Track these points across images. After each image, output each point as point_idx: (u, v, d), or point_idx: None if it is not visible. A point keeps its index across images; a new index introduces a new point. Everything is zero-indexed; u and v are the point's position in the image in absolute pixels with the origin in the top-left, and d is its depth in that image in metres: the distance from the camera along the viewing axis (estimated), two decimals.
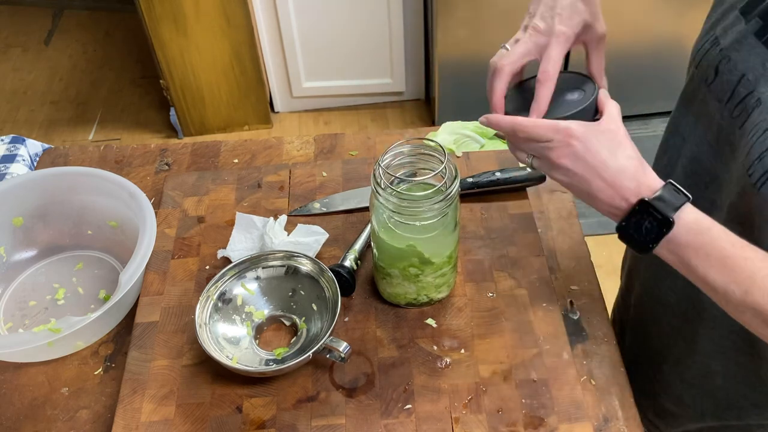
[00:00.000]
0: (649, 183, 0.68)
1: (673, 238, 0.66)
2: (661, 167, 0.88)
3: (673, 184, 0.68)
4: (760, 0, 0.68)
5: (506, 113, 0.76)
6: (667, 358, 0.93)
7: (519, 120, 0.72)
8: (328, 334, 0.83)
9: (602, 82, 0.78)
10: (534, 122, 0.71)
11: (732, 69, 0.71)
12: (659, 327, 0.93)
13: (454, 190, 0.81)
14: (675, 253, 0.67)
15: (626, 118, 2.57)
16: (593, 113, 0.75)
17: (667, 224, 0.66)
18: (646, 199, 0.67)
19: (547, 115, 0.74)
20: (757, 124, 0.67)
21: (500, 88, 0.75)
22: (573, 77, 0.79)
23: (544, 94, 0.73)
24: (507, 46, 0.76)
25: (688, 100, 0.81)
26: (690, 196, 0.67)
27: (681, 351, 0.89)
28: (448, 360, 0.86)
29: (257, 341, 0.90)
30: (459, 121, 1.20)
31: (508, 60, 0.75)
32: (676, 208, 0.66)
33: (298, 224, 1.00)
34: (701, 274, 0.65)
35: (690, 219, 0.66)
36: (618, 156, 0.69)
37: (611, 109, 0.73)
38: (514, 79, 0.78)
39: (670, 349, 0.92)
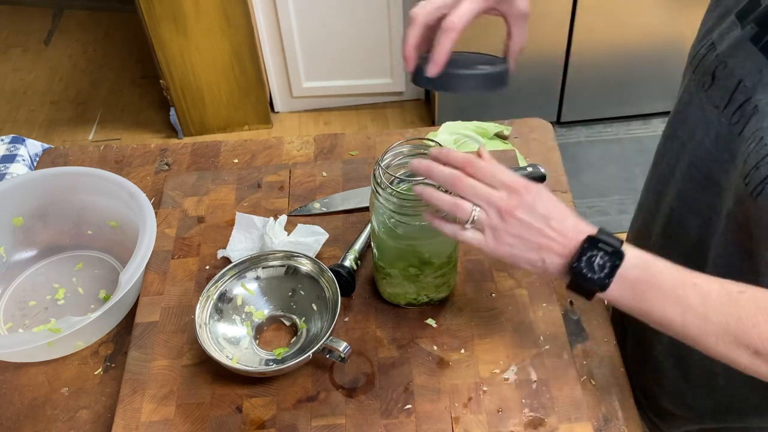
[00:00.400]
0: (586, 228, 0.69)
1: (625, 274, 0.66)
2: (660, 172, 0.88)
3: (604, 230, 0.69)
4: (755, 5, 0.68)
5: (417, 67, 0.74)
6: (667, 359, 0.93)
7: (477, 159, 0.71)
8: (328, 334, 0.83)
9: (513, 63, 0.76)
10: (492, 164, 0.71)
11: (729, 75, 0.70)
12: None
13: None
14: (629, 290, 0.67)
15: (626, 118, 2.58)
16: (500, 83, 0.74)
17: (618, 255, 0.66)
18: (594, 235, 0.67)
19: (453, 73, 0.73)
20: (754, 132, 0.67)
21: (413, 37, 0.72)
22: (486, 56, 0.78)
23: (444, 43, 0.70)
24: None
25: (685, 105, 0.81)
26: (622, 240, 0.68)
27: (682, 352, 0.89)
28: (448, 360, 0.86)
29: (257, 341, 0.90)
30: (459, 121, 1.20)
31: (423, 11, 0.72)
32: (621, 242, 0.67)
33: (298, 224, 1.00)
34: (658, 310, 0.66)
35: (634, 254, 0.66)
36: (561, 209, 0.69)
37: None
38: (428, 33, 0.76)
39: (670, 349, 0.92)
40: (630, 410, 0.84)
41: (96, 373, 0.91)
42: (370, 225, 0.89)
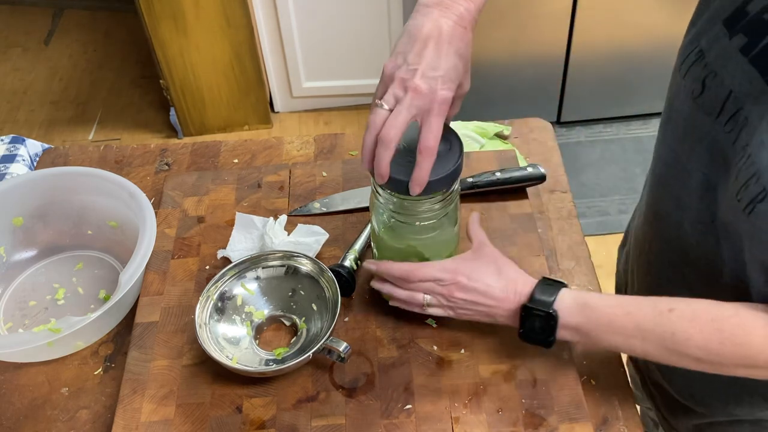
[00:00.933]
0: (525, 289, 0.78)
1: (565, 324, 0.76)
2: (657, 177, 0.87)
3: (545, 279, 0.79)
4: (743, 13, 0.67)
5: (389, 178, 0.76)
6: None
7: (411, 266, 0.82)
8: (328, 334, 0.83)
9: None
10: (423, 265, 0.81)
11: (719, 84, 0.70)
12: None
13: (454, 190, 0.81)
14: (574, 334, 0.77)
15: (626, 118, 2.58)
16: (456, 176, 0.78)
17: (551, 317, 0.76)
18: (527, 305, 0.77)
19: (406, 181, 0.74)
20: (744, 146, 0.66)
21: (387, 159, 0.72)
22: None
23: (425, 167, 0.72)
24: (384, 104, 0.71)
25: (676, 111, 0.80)
26: (564, 282, 0.78)
27: None
28: (448, 360, 0.86)
29: (257, 341, 0.90)
30: (459, 121, 1.20)
31: (394, 131, 0.70)
32: (553, 300, 0.76)
33: (299, 224, 1.00)
34: (604, 343, 0.76)
35: (568, 303, 0.76)
36: (497, 276, 0.80)
37: (480, 237, 0.85)
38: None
39: None
40: (630, 410, 0.84)
41: (96, 373, 0.91)
42: (370, 225, 0.89)
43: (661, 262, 0.89)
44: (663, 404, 0.98)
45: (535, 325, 0.77)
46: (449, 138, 0.79)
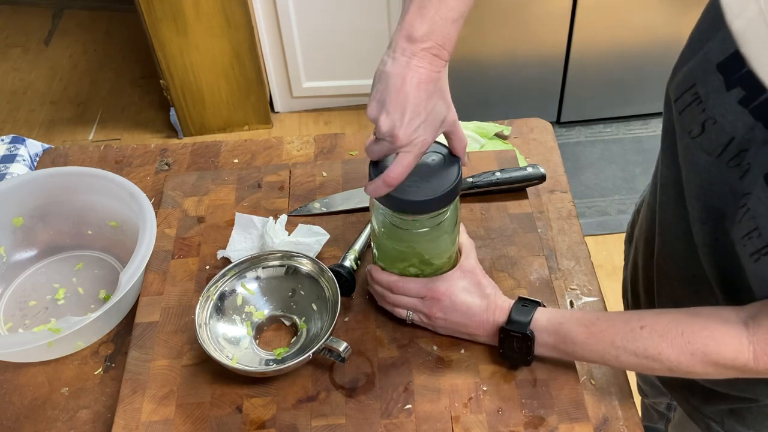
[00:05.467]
0: (501, 309, 0.83)
1: (542, 343, 0.80)
2: (662, 191, 0.86)
3: (521, 299, 0.82)
4: (740, 63, 0.65)
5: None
6: None
7: (396, 279, 0.85)
8: (328, 334, 0.83)
9: (464, 159, 0.80)
10: (407, 281, 0.85)
11: (720, 130, 0.69)
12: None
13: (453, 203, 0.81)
14: (552, 352, 0.81)
15: (626, 118, 2.58)
16: (460, 185, 0.79)
17: (527, 338, 0.80)
18: (504, 326, 0.81)
19: (422, 197, 0.76)
20: (745, 194, 0.66)
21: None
22: (434, 144, 0.80)
23: (382, 190, 0.75)
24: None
25: (670, 142, 0.80)
26: (539, 301, 0.82)
27: None
28: (448, 360, 0.86)
29: (257, 341, 0.90)
30: (459, 121, 1.20)
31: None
32: (529, 321, 0.80)
33: (299, 224, 1.00)
34: (580, 357, 0.79)
35: (543, 324, 0.80)
36: (477, 298, 0.84)
37: (467, 248, 0.88)
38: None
39: None
40: (630, 410, 0.84)
41: (96, 373, 0.91)
42: (370, 225, 0.89)
43: (665, 272, 0.89)
44: (695, 394, 0.96)
45: (513, 345, 0.82)
46: (439, 151, 0.80)
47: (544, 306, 0.84)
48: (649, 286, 0.97)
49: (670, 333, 0.72)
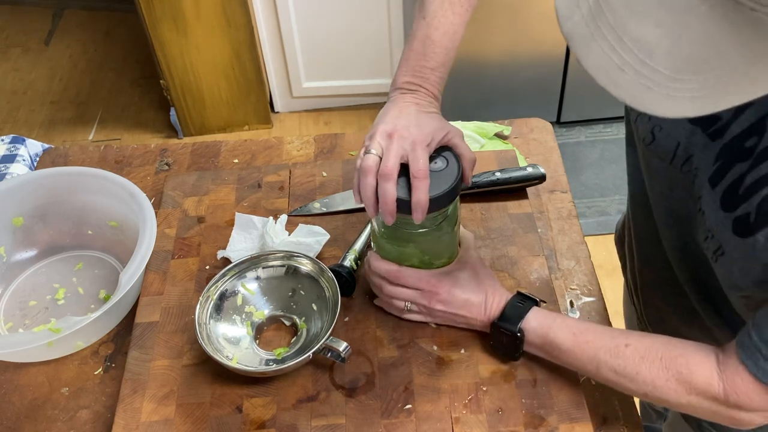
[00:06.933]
0: (497, 304, 0.83)
1: (530, 342, 0.81)
2: (632, 198, 0.89)
3: (519, 295, 0.83)
4: None
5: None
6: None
7: (396, 269, 0.85)
8: (328, 334, 0.83)
9: (468, 177, 0.81)
10: (407, 271, 0.85)
11: (667, 135, 0.72)
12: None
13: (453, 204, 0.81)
14: (538, 352, 0.82)
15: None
16: (460, 184, 0.79)
17: (516, 337, 0.81)
18: (495, 321, 0.82)
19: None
20: (698, 197, 0.69)
21: (392, 192, 0.75)
22: (438, 160, 0.81)
23: (422, 189, 0.75)
24: (372, 149, 0.76)
25: (633, 146, 0.83)
26: (536, 299, 0.83)
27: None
28: (448, 360, 0.86)
29: (257, 341, 0.90)
30: (459, 121, 1.20)
31: (391, 163, 0.75)
32: (520, 320, 0.81)
33: (300, 224, 1.00)
34: (564, 362, 0.80)
35: (534, 325, 0.81)
36: (476, 291, 0.85)
37: (468, 241, 0.90)
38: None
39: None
40: (630, 410, 0.84)
41: (96, 373, 0.91)
42: (370, 225, 0.89)
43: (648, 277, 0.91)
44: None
45: (503, 341, 0.83)
46: (447, 157, 0.80)
47: (543, 302, 0.84)
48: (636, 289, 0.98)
49: (650, 356, 0.73)
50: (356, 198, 0.78)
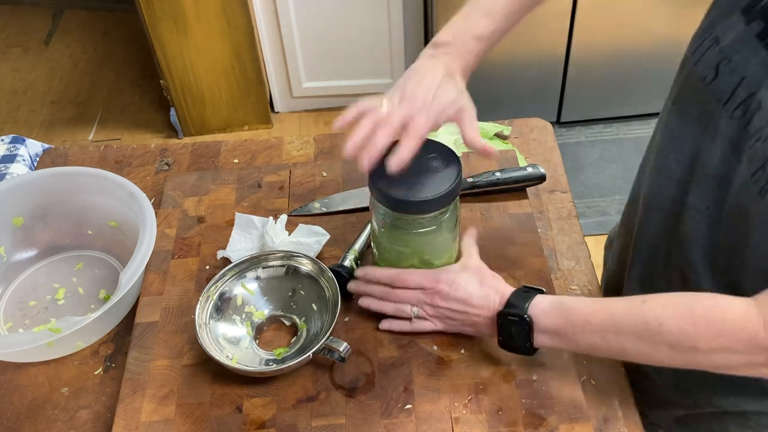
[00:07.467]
0: (502, 296, 0.81)
1: (542, 327, 0.78)
2: (656, 164, 0.87)
3: (524, 287, 0.82)
4: (760, 1, 0.68)
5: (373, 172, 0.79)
6: None
7: (396, 270, 0.86)
8: (328, 334, 0.83)
9: (479, 144, 0.80)
10: (408, 271, 0.85)
11: (732, 70, 0.70)
12: None
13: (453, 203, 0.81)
14: (553, 338, 0.78)
15: (626, 118, 2.58)
16: (460, 184, 0.80)
17: (526, 321, 0.78)
18: (501, 310, 0.80)
19: (422, 197, 0.77)
20: (759, 128, 0.67)
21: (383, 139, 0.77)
22: (434, 144, 0.82)
23: (408, 148, 0.76)
24: (383, 106, 0.78)
25: (683, 100, 0.80)
26: (542, 289, 0.81)
27: None
28: (448, 360, 0.86)
29: (257, 341, 0.90)
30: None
31: (393, 117, 0.77)
32: (527, 306, 0.78)
33: (300, 224, 1.00)
34: (582, 343, 0.77)
35: (544, 306, 0.78)
36: (479, 286, 0.83)
37: (469, 247, 0.89)
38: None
39: None
40: (630, 410, 0.84)
41: (96, 373, 0.91)
42: (370, 225, 0.89)
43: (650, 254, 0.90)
44: (643, 397, 0.97)
45: (511, 331, 0.80)
46: (447, 157, 0.80)
47: (545, 293, 0.82)
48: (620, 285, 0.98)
49: (673, 304, 0.70)
50: (348, 147, 0.77)
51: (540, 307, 0.78)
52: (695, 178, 0.78)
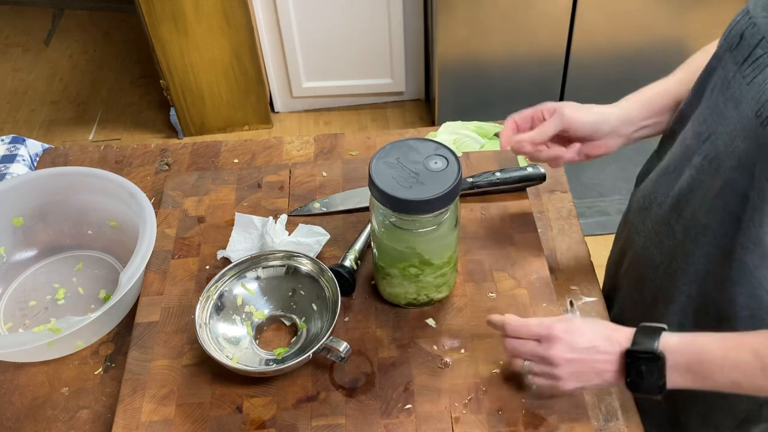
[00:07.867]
0: (625, 336, 0.75)
1: (674, 365, 0.72)
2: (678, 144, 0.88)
3: (644, 325, 0.75)
4: None
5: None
6: None
7: (507, 319, 0.80)
8: (328, 334, 0.83)
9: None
10: (519, 322, 0.79)
11: (755, 33, 0.72)
12: None
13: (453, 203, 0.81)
14: (687, 376, 0.72)
15: None
16: (460, 184, 0.80)
17: (658, 358, 0.72)
18: (630, 348, 0.73)
19: (422, 197, 0.77)
20: (765, 80, 0.69)
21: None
22: (434, 144, 0.82)
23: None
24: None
25: (710, 71, 0.80)
26: (664, 326, 0.74)
27: None
28: (448, 360, 0.86)
29: (257, 341, 0.90)
30: (459, 121, 1.20)
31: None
32: (656, 341, 0.72)
33: (300, 224, 1.00)
34: (722, 379, 0.71)
35: (674, 342, 0.72)
36: (596, 331, 0.76)
37: (544, 322, 0.79)
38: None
39: None
40: (630, 410, 0.84)
41: (96, 373, 0.91)
42: (370, 225, 0.89)
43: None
44: (654, 422, 0.95)
45: (642, 370, 0.73)
46: (447, 157, 0.80)
47: (668, 330, 0.76)
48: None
49: None
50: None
51: (670, 342, 0.72)
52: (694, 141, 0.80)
